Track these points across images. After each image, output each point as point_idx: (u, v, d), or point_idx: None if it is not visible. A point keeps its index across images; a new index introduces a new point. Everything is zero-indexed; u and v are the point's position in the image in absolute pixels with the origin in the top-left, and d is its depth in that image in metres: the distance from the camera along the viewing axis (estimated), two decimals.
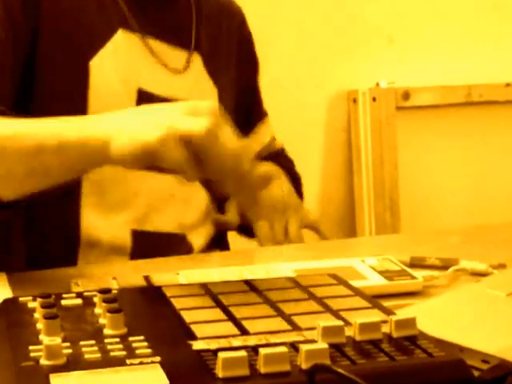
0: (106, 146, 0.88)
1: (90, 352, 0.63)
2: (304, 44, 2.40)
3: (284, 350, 0.60)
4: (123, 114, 0.94)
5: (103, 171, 1.16)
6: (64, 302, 0.76)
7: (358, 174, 2.46)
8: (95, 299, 0.75)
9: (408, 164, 2.50)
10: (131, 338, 0.66)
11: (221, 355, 0.59)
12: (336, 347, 0.64)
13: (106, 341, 0.66)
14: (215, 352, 0.62)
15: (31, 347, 0.64)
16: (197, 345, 0.65)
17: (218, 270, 0.96)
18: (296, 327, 0.69)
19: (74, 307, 0.75)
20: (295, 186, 1.38)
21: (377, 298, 0.81)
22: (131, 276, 0.94)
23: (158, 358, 0.62)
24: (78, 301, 0.76)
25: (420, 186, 2.54)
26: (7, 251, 1.19)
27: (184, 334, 0.68)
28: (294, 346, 0.64)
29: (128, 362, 0.61)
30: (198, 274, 0.95)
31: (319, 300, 0.77)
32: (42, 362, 0.61)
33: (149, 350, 0.63)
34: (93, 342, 0.65)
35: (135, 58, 1.22)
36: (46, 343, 0.62)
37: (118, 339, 0.66)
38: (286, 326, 0.69)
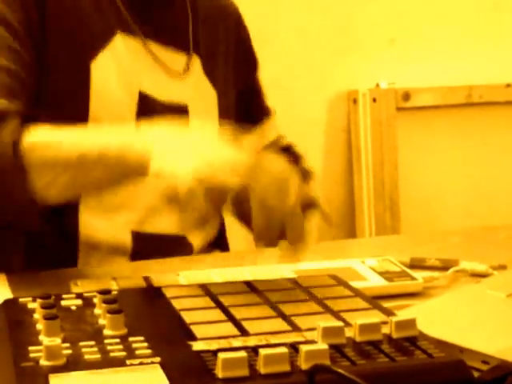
0: (145, 162, 0.88)
1: (90, 352, 0.63)
2: (304, 44, 2.40)
3: (284, 350, 0.60)
4: (166, 134, 0.93)
5: None
6: (64, 303, 0.76)
7: (358, 175, 2.46)
8: (95, 300, 0.75)
9: (408, 165, 2.50)
10: (131, 339, 0.66)
11: (221, 356, 0.59)
12: (336, 348, 0.64)
13: (106, 341, 0.66)
14: (215, 352, 0.62)
15: (31, 348, 0.64)
16: (197, 345, 0.65)
17: (218, 271, 0.96)
18: (296, 328, 0.69)
19: (74, 308, 0.75)
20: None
21: (377, 298, 0.81)
22: (131, 277, 0.94)
23: (157, 359, 0.62)
24: (78, 301, 0.76)
25: (420, 186, 2.54)
26: (7, 252, 1.19)
27: (184, 334, 0.68)
28: (294, 347, 0.64)
29: (128, 362, 0.61)
30: (198, 275, 0.95)
31: (319, 301, 0.77)
32: (42, 362, 0.61)
33: (149, 351, 0.63)
34: (93, 342, 0.65)
35: (135, 61, 1.22)
36: (46, 344, 0.62)
37: (117, 340, 0.66)
38: (286, 327, 0.69)
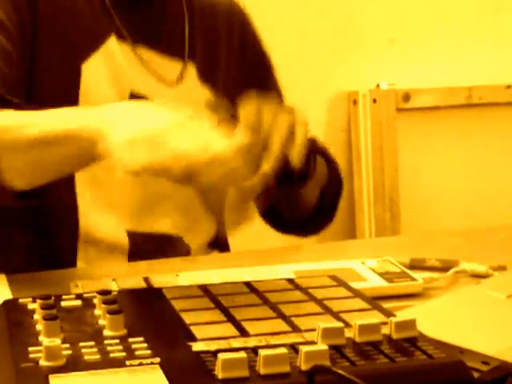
0: (98, 144, 0.87)
1: (90, 353, 0.63)
2: (304, 45, 2.40)
3: (284, 351, 0.60)
4: (123, 115, 0.92)
5: (95, 174, 1.16)
6: (64, 304, 0.76)
7: (358, 176, 2.46)
8: (95, 300, 0.75)
9: (408, 166, 2.50)
10: (131, 340, 0.66)
11: (220, 356, 0.59)
12: (336, 349, 0.64)
13: (106, 342, 0.66)
14: (215, 353, 0.62)
15: (31, 348, 0.64)
16: (196, 346, 0.65)
17: (217, 272, 0.96)
18: (296, 329, 0.69)
19: (74, 308, 0.75)
20: (334, 173, 1.32)
21: (377, 299, 0.81)
22: (131, 277, 0.94)
23: (157, 359, 0.62)
24: (78, 302, 0.76)
25: (420, 187, 2.54)
26: (7, 251, 1.19)
27: (184, 335, 0.68)
28: (293, 348, 0.64)
29: (127, 363, 0.61)
30: (198, 276, 0.95)
31: (319, 301, 0.76)
32: (42, 362, 0.61)
33: (148, 352, 0.63)
34: (92, 343, 0.65)
35: (128, 67, 1.21)
36: (46, 344, 0.62)
37: (117, 340, 0.66)
38: (286, 328, 0.69)
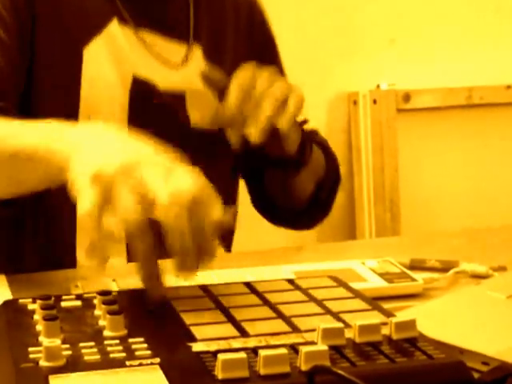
0: (66, 169, 0.85)
1: (90, 353, 0.63)
2: (304, 45, 2.40)
3: (284, 351, 0.60)
4: (90, 138, 0.90)
5: None
6: (64, 304, 0.76)
7: (358, 176, 2.46)
8: (95, 301, 0.75)
9: (408, 166, 2.50)
10: (131, 340, 0.66)
11: (220, 357, 0.59)
12: (336, 349, 0.64)
13: (106, 342, 0.66)
14: (215, 354, 0.62)
15: (31, 349, 0.64)
16: (196, 346, 0.65)
17: (217, 272, 0.96)
18: (296, 329, 0.69)
19: (74, 309, 0.75)
20: (332, 165, 1.31)
21: (377, 300, 0.81)
22: (131, 278, 0.93)
23: (157, 360, 0.62)
24: (78, 302, 0.76)
25: (420, 188, 2.54)
26: (7, 250, 1.19)
27: (184, 335, 0.68)
28: (293, 348, 0.64)
29: (127, 363, 0.61)
30: (198, 276, 0.94)
31: (319, 302, 0.76)
32: (42, 363, 0.61)
33: (148, 352, 0.63)
34: (92, 343, 0.65)
35: (131, 50, 1.22)
36: (46, 345, 0.62)
37: (117, 341, 0.66)
38: (286, 328, 0.69)
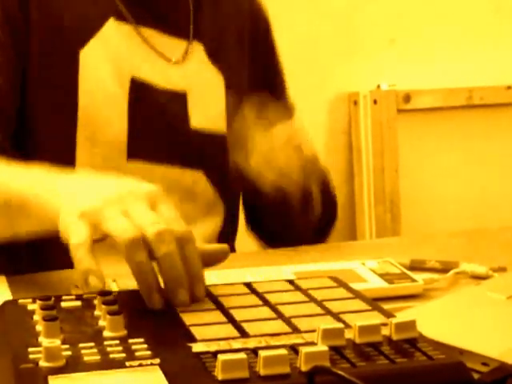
0: (57, 219, 0.85)
1: (90, 354, 0.63)
2: (304, 46, 2.40)
3: (284, 352, 0.60)
4: (75, 188, 0.90)
5: (95, 164, 1.16)
6: (64, 304, 0.76)
7: (358, 177, 2.46)
8: (95, 301, 0.75)
9: (409, 166, 2.50)
10: (131, 340, 0.66)
11: (220, 357, 0.59)
12: (336, 350, 0.64)
13: (106, 343, 0.66)
14: (215, 354, 0.62)
15: (30, 349, 0.64)
16: (196, 347, 0.65)
17: (217, 273, 0.96)
18: (296, 329, 0.69)
19: (74, 309, 0.75)
20: (326, 206, 1.29)
21: (377, 300, 0.81)
22: (131, 278, 0.93)
23: (157, 360, 0.62)
24: (78, 303, 0.76)
25: (421, 188, 2.54)
26: (4, 251, 1.19)
27: (184, 336, 0.68)
28: (293, 349, 0.64)
29: (127, 364, 0.61)
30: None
31: (319, 302, 0.76)
32: (41, 363, 0.61)
33: (148, 352, 0.63)
34: (92, 344, 0.65)
35: (129, 48, 1.21)
36: (46, 345, 0.62)
37: (117, 341, 0.66)
38: (286, 329, 0.69)
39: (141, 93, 1.21)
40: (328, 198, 1.32)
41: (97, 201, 0.82)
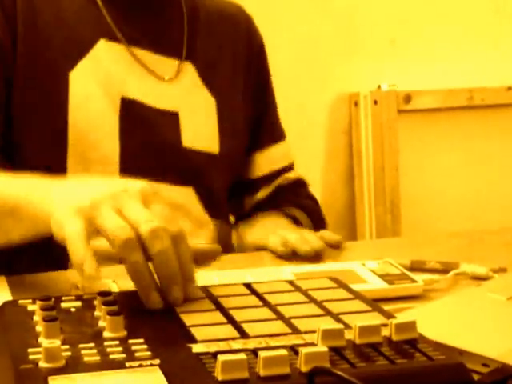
0: (49, 222, 0.85)
1: (89, 355, 0.63)
2: (305, 46, 2.40)
3: (284, 353, 0.60)
4: (67, 190, 0.90)
5: (90, 172, 1.16)
6: (64, 305, 0.76)
7: (358, 177, 2.46)
8: (95, 302, 0.75)
9: (409, 167, 2.50)
10: (131, 341, 0.66)
11: (220, 358, 0.59)
12: (336, 350, 0.63)
13: (106, 343, 0.66)
14: (215, 355, 0.62)
15: (30, 350, 0.64)
16: (196, 348, 0.65)
17: (217, 273, 0.96)
18: (296, 330, 0.69)
19: (74, 310, 0.75)
20: (313, 223, 1.35)
21: (377, 301, 0.81)
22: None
23: (157, 361, 0.62)
24: (78, 303, 0.76)
25: (421, 189, 2.54)
26: (1, 253, 1.19)
27: (183, 336, 0.68)
28: (293, 349, 0.64)
29: (127, 364, 0.61)
30: (198, 277, 0.94)
31: (319, 303, 0.76)
32: (41, 364, 0.61)
33: (148, 353, 0.63)
34: (92, 344, 0.65)
35: (119, 68, 1.21)
36: (45, 346, 0.62)
37: (117, 342, 0.66)
38: (286, 329, 0.69)
39: (132, 112, 1.20)
40: (317, 221, 1.38)
41: (90, 198, 0.82)
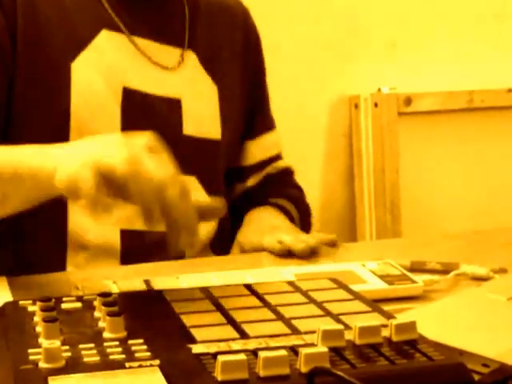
0: (52, 177, 0.86)
1: (89, 355, 0.63)
2: (306, 49, 2.40)
3: (283, 353, 0.60)
4: (70, 148, 0.92)
5: None
6: (64, 306, 0.76)
7: (359, 179, 2.46)
8: (95, 303, 0.75)
9: (409, 169, 2.50)
10: (130, 342, 0.66)
11: (220, 358, 0.59)
12: (336, 351, 0.63)
13: (106, 344, 0.66)
14: (214, 355, 0.62)
15: (30, 350, 0.64)
16: (196, 348, 0.65)
17: (218, 274, 0.96)
18: (296, 331, 0.69)
19: (74, 310, 0.75)
20: (300, 215, 1.37)
21: (377, 302, 0.81)
22: (131, 280, 0.94)
23: (157, 362, 0.62)
24: (78, 304, 0.76)
25: (421, 190, 2.54)
26: (7, 255, 1.19)
27: (183, 337, 0.68)
28: (293, 350, 0.64)
29: (127, 365, 0.61)
30: (199, 278, 0.95)
31: (319, 304, 0.76)
32: (41, 364, 0.61)
33: (148, 354, 0.63)
34: (92, 345, 0.65)
35: (121, 58, 1.21)
36: (45, 346, 0.62)
37: (117, 342, 0.66)
38: (286, 330, 0.69)
39: (134, 101, 1.21)
40: (303, 210, 1.39)
41: (98, 149, 0.82)
